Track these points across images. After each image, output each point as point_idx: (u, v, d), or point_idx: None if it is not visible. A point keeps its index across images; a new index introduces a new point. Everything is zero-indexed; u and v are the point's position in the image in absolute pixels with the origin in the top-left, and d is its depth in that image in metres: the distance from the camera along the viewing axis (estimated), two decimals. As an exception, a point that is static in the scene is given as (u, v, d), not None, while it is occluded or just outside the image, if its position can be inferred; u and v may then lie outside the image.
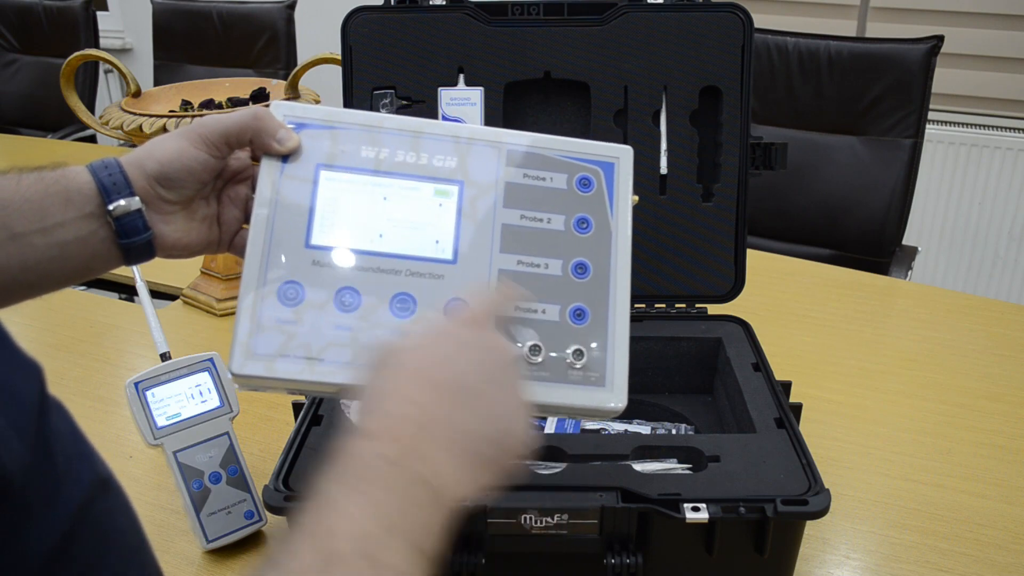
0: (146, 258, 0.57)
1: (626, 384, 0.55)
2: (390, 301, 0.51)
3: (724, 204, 0.95)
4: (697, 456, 0.73)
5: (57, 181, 0.54)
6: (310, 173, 0.54)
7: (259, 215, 0.54)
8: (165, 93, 1.37)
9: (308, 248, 0.52)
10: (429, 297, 0.52)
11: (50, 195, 0.53)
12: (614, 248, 0.57)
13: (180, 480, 0.78)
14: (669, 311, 0.96)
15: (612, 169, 0.59)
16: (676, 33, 0.93)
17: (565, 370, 0.54)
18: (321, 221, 0.53)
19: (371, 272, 0.52)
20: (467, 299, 0.53)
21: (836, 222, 1.80)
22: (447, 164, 0.56)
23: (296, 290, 0.51)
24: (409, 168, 0.55)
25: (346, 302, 0.51)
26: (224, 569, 0.79)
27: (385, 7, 0.95)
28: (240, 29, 2.49)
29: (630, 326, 0.57)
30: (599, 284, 0.56)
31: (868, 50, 1.72)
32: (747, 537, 0.68)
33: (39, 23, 2.76)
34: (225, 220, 0.61)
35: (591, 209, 0.58)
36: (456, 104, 0.95)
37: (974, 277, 2.51)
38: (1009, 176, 2.38)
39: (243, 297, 0.51)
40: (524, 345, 0.54)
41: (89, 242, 0.54)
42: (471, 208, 0.55)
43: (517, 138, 0.59)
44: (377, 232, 0.53)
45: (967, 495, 0.87)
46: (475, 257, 0.54)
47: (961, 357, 1.13)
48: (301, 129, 0.56)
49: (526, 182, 0.57)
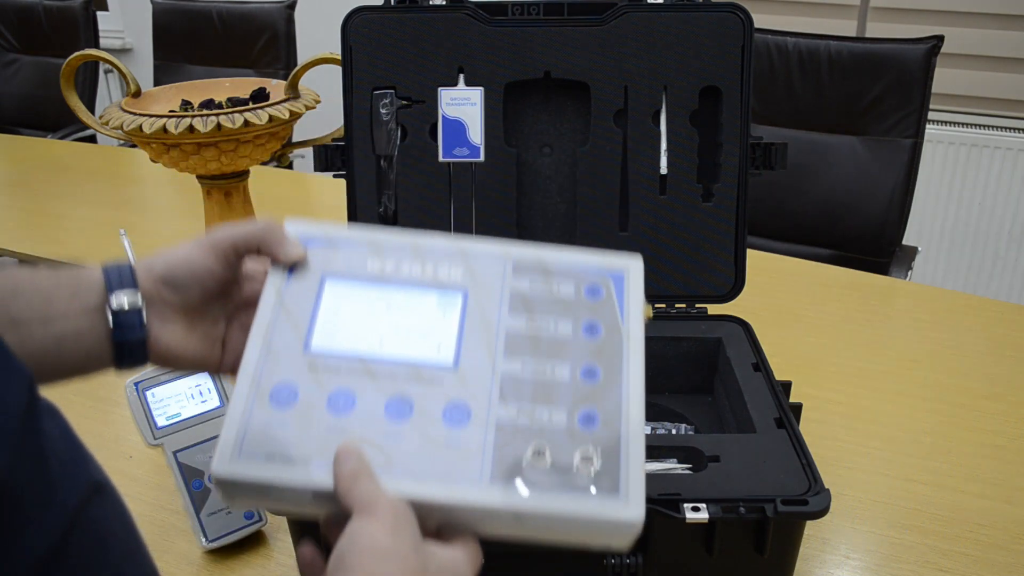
0: (138, 362, 0.56)
1: (643, 495, 0.49)
2: (386, 405, 0.50)
3: (724, 204, 0.95)
4: (697, 456, 0.73)
5: (70, 275, 0.54)
6: (315, 283, 0.55)
7: (261, 318, 0.53)
8: (165, 93, 1.37)
9: (306, 352, 0.51)
10: (426, 401, 0.50)
11: (60, 287, 0.53)
12: (626, 352, 0.54)
13: (180, 480, 0.78)
14: (669, 311, 0.96)
15: (622, 279, 0.58)
16: (676, 33, 0.93)
17: (573, 477, 0.49)
18: (322, 327, 0.53)
19: (367, 376, 0.50)
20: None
21: (836, 222, 1.80)
22: (452, 274, 0.55)
23: (289, 392, 0.50)
24: (414, 278, 0.55)
25: (340, 405, 0.49)
26: (224, 569, 0.79)
27: (385, 7, 0.96)
28: (240, 29, 2.49)
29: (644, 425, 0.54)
30: (610, 389, 0.52)
31: (868, 50, 1.72)
32: (747, 537, 0.68)
33: (39, 23, 2.76)
34: (231, 344, 0.60)
35: (601, 315, 0.56)
36: (456, 104, 0.95)
37: (974, 277, 2.51)
38: (1009, 176, 2.38)
39: (234, 399, 0.50)
40: (527, 452, 0.50)
41: (85, 338, 0.53)
42: (475, 315, 0.54)
43: (523, 249, 0.58)
44: (377, 338, 0.52)
45: (967, 495, 0.87)
46: (477, 362, 0.52)
47: (961, 357, 1.13)
48: (310, 244, 0.56)
49: (532, 291, 0.56)
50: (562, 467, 0.49)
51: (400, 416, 0.49)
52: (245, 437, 0.48)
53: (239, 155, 1.21)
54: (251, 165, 1.27)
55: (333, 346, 0.52)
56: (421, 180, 0.96)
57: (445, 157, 0.96)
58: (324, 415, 0.49)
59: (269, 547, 0.81)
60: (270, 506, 0.50)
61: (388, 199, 0.97)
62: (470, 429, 0.49)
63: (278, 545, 0.81)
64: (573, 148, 0.97)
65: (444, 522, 0.49)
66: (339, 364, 0.51)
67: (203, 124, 1.15)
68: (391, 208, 0.97)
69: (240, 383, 0.50)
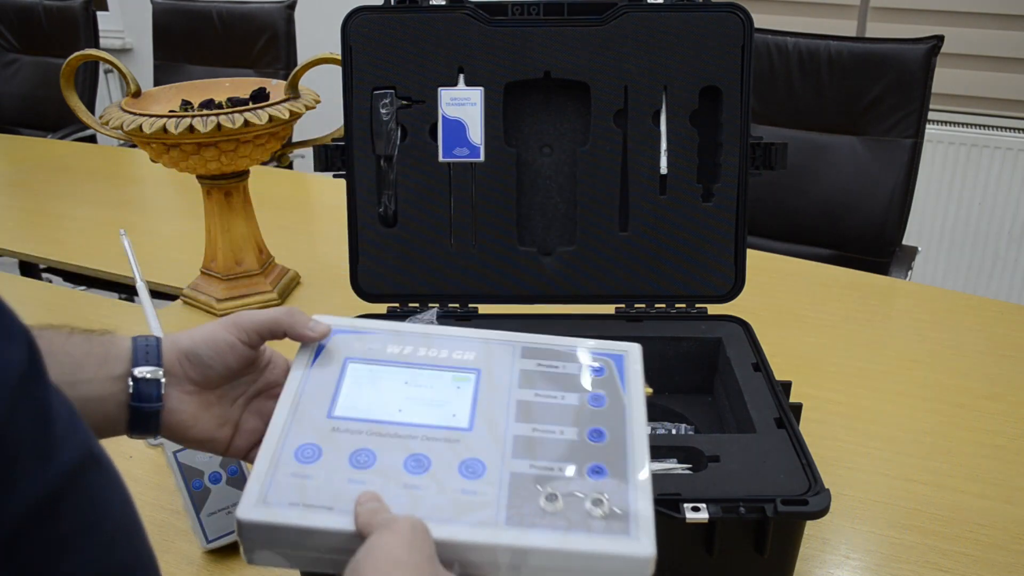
0: (149, 433, 0.59)
1: (653, 533, 0.51)
2: (404, 461, 0.53)
3: (724, 204, 0.95)
4: (697, 456, 0.73)
5: (102, 344, 0.57)
6: (338, 363, 0.60)
7: (288, 391, 0.58)
8: (165, 93, 1.37)
9: (330, 418, 0.56)
10: (443, 457, 0.54)
11: (91, 355, 0.57)
12: (628, 419, 0.59)
13: (180, 480, 0.78)
14: (669, 311, 0.97)
15: (622, 359, 0.63)
16: (676, 33, 0.93)
17: (585, 518, 0.52)
18: (345, 398, 0.58)
19: (388, 437, 0.55)
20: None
21: (836, 222, 1.80)
22: (465, 357, 0.61)
23: (313, 450, 0.54)
24: (430, 360, 0.61)
25: (361, 461, 0.53)
26: (224, 569, 0.79)
27: (385, 7, 0.96)
28: (240, 29, 2.49)
29: (645, 404, 0.59)
30: (616, 448, 0.57)
31: (868, 50, 1.72)
32: (747, 537, 0.68)
33: (39, 23, 2.75)
34: (244, 427, 0.63)
35: (605, 389, 0.61)
36: (456, 104, 0.95)
37: (974, 277, 2.51)
38: (1009, 176, 2.38)
39: (260, 456, 0.54)
40: (540, 498, 0.52)
41: (107, 403, 0.57)
42: (487, 389, 0.59)
43: (531, 338, 0.64)
44: (397, 407, 0.57)
45: (967, 495, 0.87)
46: (491, 425, 0.57)
47: (961, 357, 1.13)
48: (335, 333, 0.62)
49: (540, 370, 0.62)
50: (574, 509, 0.52)
51: (419, 470, 0.53)
52: (270, 488, 0.51)
53: (239, 155, 1.21)
54: (251, 165, 1.27)
55: (355, 414, 0.57)
56: (421, 180, 0.96)
57: (445, 157, 0.96)
58: (346, 469, 0.53)
59: None
60: (290, 557, 0.52)
61: (388, 199, 0.97)
62: (485, 480, 0.53)
63: (278, 545, 0.81)
64: (573, 148, 0.97)
65: (463, 563, 0.50)
66: (360, 427, 0.56)
67: (203, 124, 1.15)
68: (391, 208, 0.97)
69: (266, 443, 0.54)
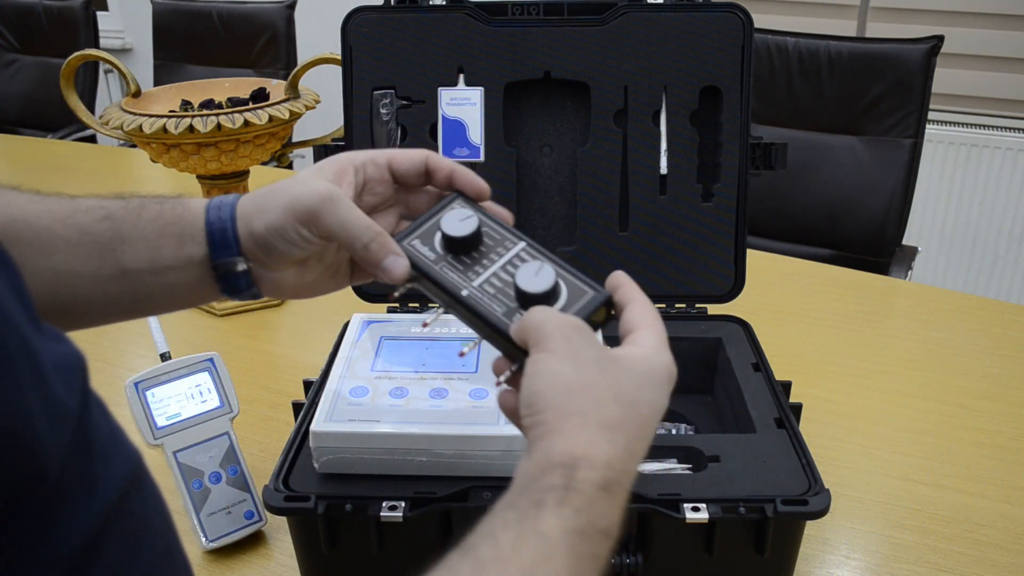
0: (254, 297, 0.59)
1: None
2: (429, 392, 0.72)
3: (724, 204, 0.95)
4: (697, 456, 0.73)
5: (174, 224, 0.55)
6: (375, 340, 0.79)
7: (340, 359, 0.77)
8: (165, 93, 1.37)
9: (372, 370, 0.75)
10: (458, 388, 0.72)
11: (165, 236, 0.55)
12: None
13: (180, 480, 0.78)
14: (669, 311, 0.96)
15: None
16: (676, 33, 0.93)
17: None
18: (383, 361, 0.76)
19: (416, 379, 0.73)
20: None
21: (836, 222, 1.80)
22: (471, 332, 0.66)
23: (362, 390, 0.72)
24: (444, 334, 0.79)
25: (397, 393, 0.72)
26: (224, 569, 0.79)
27: (385, 7, 0.95)
28: (240, 29, 2.49)
29: None
30: None
31: (868, 50, 1.72)
32: (747, 537, 0.68)
33: (39, 23, 2.76)
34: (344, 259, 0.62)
35: None
36: (456, 104, 0.95)
37: (974, 277, 2.51)
38: (1009, 176, 2.38)
39: (323, 398, 0.71)
40: None
41: (197, 286, 0.56)
42: (489, 348, 0.63)
43: None
44: (421, 363, 0.76)
45: (967, 495, 0.87)
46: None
47: (961, 357, 1.13)
48: (372, 323, 0.82)
49: None
50: None
51: (440, 397, 0.71)
52: (333, 411, 0.69)
53: (239, 155, 1.21)
54: (251, 165, 1.27)
55: (391, 368, 0.75)
56: (421, 180, 0.96)
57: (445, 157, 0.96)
58: (387, 398, 0.71)
59: (269, 547, 0.81)
60: (348, 461, 0.68)
61: (388, 199, 0.97)
62: (489, 400, 0.70)
63: (278, 545, 0.81)
64: (573, 148, 0.97)
65: (465, 454, 0.68)
66: (395, 374, 0.74)
67: (203, 124, 1.15)
68: (391, 208, 0.97)
69: (328, 388, 0.72)
